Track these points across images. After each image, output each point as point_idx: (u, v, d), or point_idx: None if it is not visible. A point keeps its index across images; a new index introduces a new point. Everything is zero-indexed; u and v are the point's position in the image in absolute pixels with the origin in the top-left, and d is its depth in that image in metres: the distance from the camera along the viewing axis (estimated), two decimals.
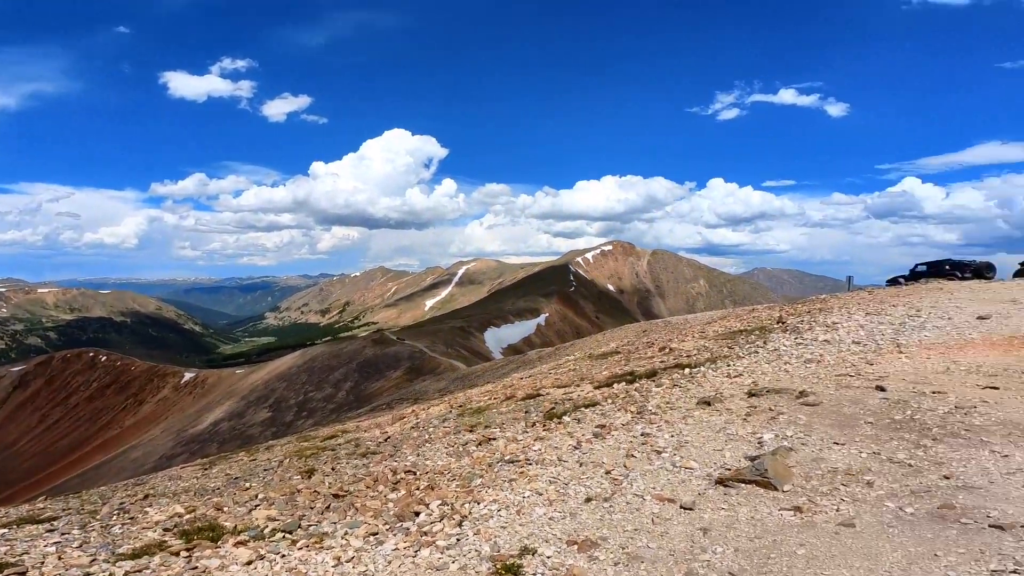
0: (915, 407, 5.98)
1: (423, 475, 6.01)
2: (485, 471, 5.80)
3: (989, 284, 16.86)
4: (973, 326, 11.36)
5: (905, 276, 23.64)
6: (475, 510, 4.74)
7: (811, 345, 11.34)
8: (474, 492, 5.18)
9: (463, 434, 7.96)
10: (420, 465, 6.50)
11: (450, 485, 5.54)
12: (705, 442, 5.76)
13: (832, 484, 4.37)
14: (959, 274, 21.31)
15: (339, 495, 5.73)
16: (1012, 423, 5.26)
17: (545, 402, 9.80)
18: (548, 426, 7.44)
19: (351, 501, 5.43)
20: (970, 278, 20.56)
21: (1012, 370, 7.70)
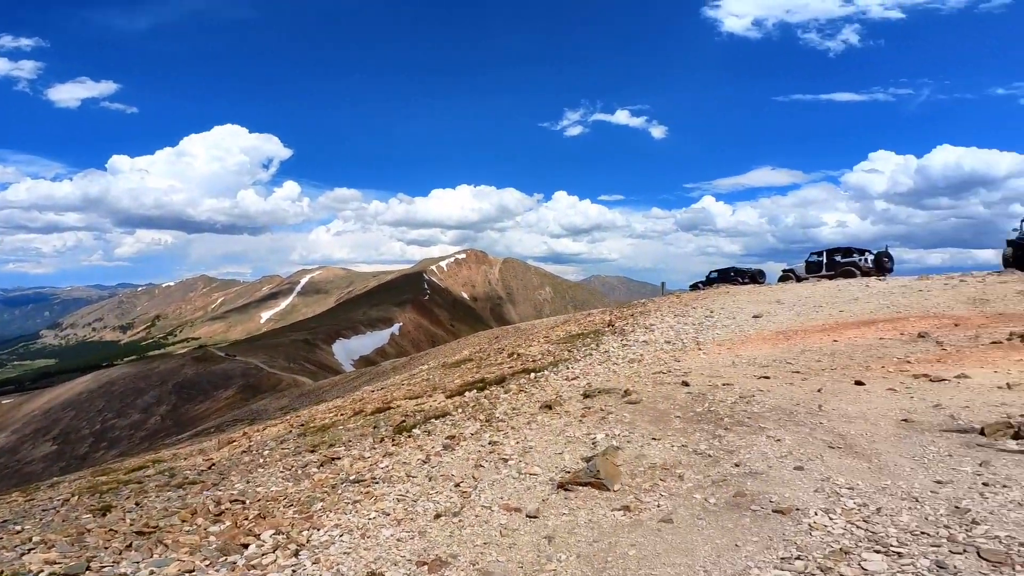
0: (711, 399, 7.15)
1: (254, 503, 5.49)
2: (327, 494, 5.50)
3: (761, 288, 20.82)
4: (750, 324, 13.92)
5: (703, 282, 27.95)
6: (314, 537, 4.48)
7: (634, 346, 12.87)
8: (314, 517, 4.89)
9: (304, 455, 7.44)
10: (250, 493, 5.93)
11: (286, 512, 5.15)
12: (547, 446, 6.07)
13: (652, 480, 4.88)
14: (741, 279, 25.90)
15: (144, 532, 4.94)
16: (780, 409, 6.51)
17: (396, 415, 9.60)
18: (398, 441, 7.31)
19: (160, 537, 4.72)
20: (748, 283, 25.09)
21: (779, 360, 9.62)
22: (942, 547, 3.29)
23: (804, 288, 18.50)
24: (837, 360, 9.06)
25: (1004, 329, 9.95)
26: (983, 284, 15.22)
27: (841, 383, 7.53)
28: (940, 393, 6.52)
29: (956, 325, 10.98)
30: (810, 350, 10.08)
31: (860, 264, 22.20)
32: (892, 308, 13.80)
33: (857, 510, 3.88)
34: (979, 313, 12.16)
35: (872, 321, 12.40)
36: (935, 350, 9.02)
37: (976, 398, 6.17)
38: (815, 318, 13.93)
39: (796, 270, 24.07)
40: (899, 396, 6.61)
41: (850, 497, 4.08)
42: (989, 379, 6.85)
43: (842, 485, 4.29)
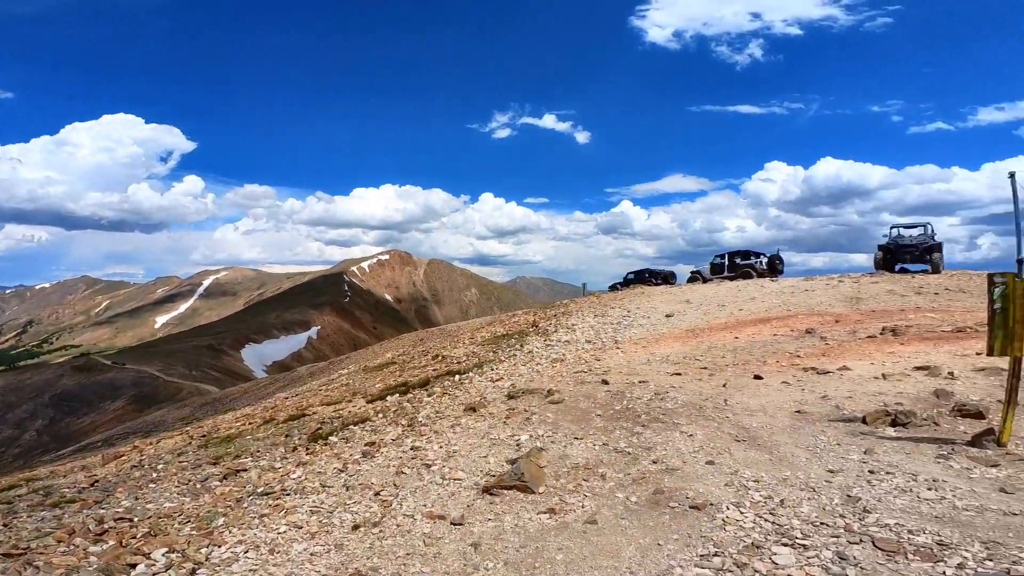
0: (629, 396, 7.44)
1: (143, 521, 4.92)
2: (231, 508, 5.06)
3: (672, 288, 22.11)
4: (663, 323, 14.71)
5: (620, 283, 29.23)
6: (215, 554, 4.07)
7: (557, 346, 13.15)
8: (215, 534, 4.48)
9: (204, 468, 6.85)
10: (140, 510, 5.32)
11: (182, 529, 4.68)
12: (472, 450, 6.00)
13: (576, 480, 4.93)
14: (655, 281, 27.40)
15: (12, 554, 4.30)
16: (691, 404, 6.89)
17: (311, 423, 9.13)
18: (312, 449, 6.94)
19: (30, 559, 4.12)
20: (661, 284, 26.59)
21: (689, 357, 10.22)
22: (841, 537, 3.54)
23: (709, 288, 19.85)
24: (739, 356, 9.79)
25: (877, 324, 11.25)
26: (858, 284, 17.12)
27: (743, 378, 8.13)
28: (827, 385, 7.23)
29: (837, 322, 12.25)
30: (716, 347, 10.81)
31: (756, 266, 24.25)
32: (783, 307, 15.15)
33: (764, 502, 4.13)
34: (856, 310, 13.67)
35: (767, 319, 13.54)
36: (820, 345, 10.01)
37: (857, 388, 6.90)
38: (719, 317, 14.98)
39: (702, 272, 25.81)
40: (792, 389, 7.24)
41: (756, 490, 4.35)
42: (867, 370, 7.70)
43: (749, 478, 4.57)
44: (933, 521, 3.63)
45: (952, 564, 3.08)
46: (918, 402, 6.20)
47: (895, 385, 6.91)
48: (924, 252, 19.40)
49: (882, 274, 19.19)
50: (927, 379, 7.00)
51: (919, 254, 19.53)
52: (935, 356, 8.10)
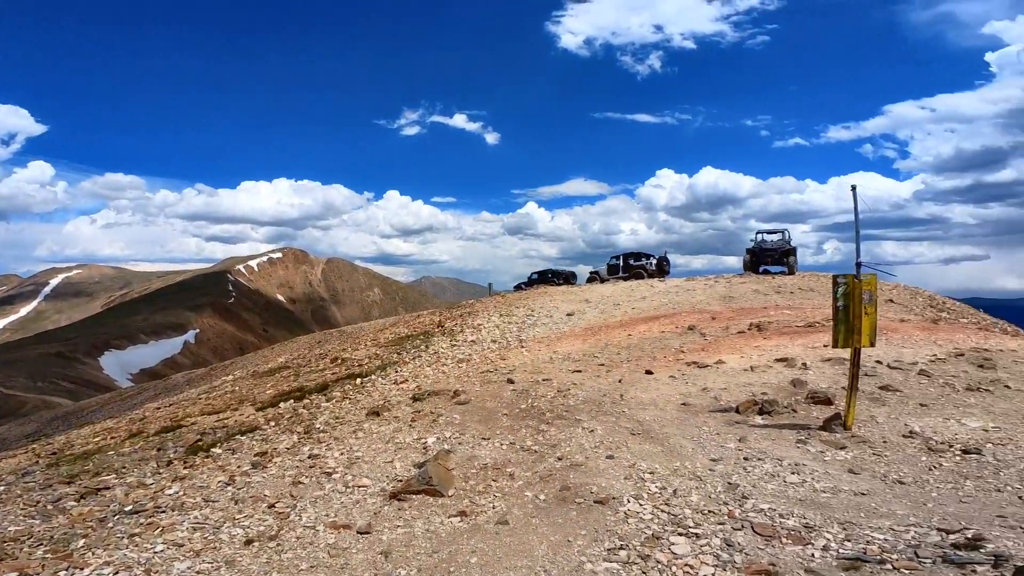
0: (533, 395, 7.70)
1: None
2: (92, 529, 4.48)
3: (573, 288, 23.16)
4: (564, 321, 15.36)
5: (525, 283, 30.00)
6: None
7: (463, 346, 13.20)
8: (74, 556, 3.95)
9: (56, 488, 6.00)
10: None
11: (33, 552, 4.09)
12: (376, 455, 5.86)
13: (485, 481, 5.01)
14: (557, 281, 28.48)
15: None
16: (591, 400, 7.29)
17: (189, 434, 8.34)
18: (192, 463, 6.38)
19: None
20: (563, 284, 27.70)
21: (588, 355, 10.77)
22: (726, 524, 3.91)
23: (606, 288, 21.03)
24: (632, 352, 10.51)
25: (746, 321, 12.63)
26: (730, 284, 19.08)
27: (636, 373, 8.75)
28: (706, 378, 8.01)
29: (713, 319, 13.57)
30: (612, 344, 11.50)
31: (647, 267, 26.14)
32: (670, 305, 16.48)
33: (659, 493, 4.48)
34: (728, 308, 15.23)
35: (656, 317, 14.65)
36: (700, 340, 11.04)
37: (731, 381, 7.73)
38: (615, 315, 15.94)
39: (600, 272, 27.28)
40: (678, 383, 7.94)
41: (652, 481, 4.70)
42: (738, 363, 8.64)
43: (645, 470, 4.93)
44: (799, 504, 4.14)
45: (818, 546, 3.52)
46: (779, 391, 7.09)
47: (761, 376, 7.84)
48: (782, 255, 22.13)
49: (749, 275, 21.59)
50: (786, 370, 8.02)
51: (778, 257, 22.25)
52: (791, 349, 9.30)
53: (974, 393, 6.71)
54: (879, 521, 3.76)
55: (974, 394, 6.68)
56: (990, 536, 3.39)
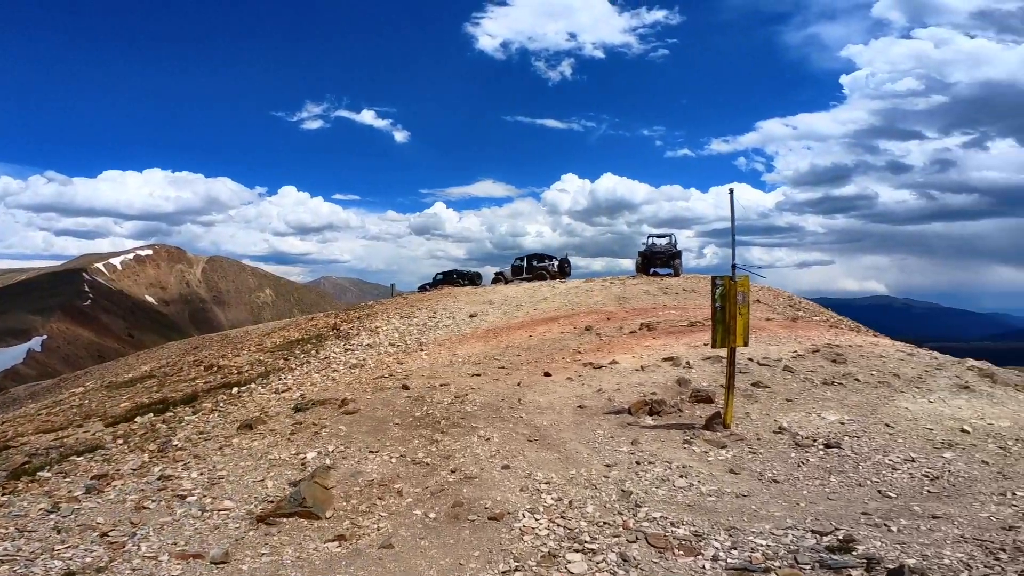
0: (429, 401, 7.31)
1: None
2: None
3: (478, 289, 22.99)
4: (467, 323, 15.09)
5: (429, 284, 29.38)
6: None
7: (358, 350, 12.42)
8: None
9: None
10: None
11: None
12: (245, 473, 5.28)
13: (370, 500, 4.59)
14: (462, 282, 28.18)
15: None
16: (489, 406, 7.05)
17: (17, 456, 7.22)
18: (13, 488, 5.55)
19: None
20: (468, 285, 27.47)
21: (489, 357, 10.57)
22: (621, 537, 3.81)
23: (510, 289, 21.11)
24: (532, 354, 10.49)
25: (637, 321, 13.20)
26: (624, 285, 19.97)
27: (535, 375, 8.69)
28: (601, 379, 8.13)
29: (608, 319, 14.06)
30: (513, 346, 11.42)
31: (550, 268, 26.71)
32: (569, 306, 16.86)
33: (555, 505, 4.31)
34: (622, 309, 15.89)
35: (556, 318, 14.88)
36: (596, 341, 11.32)
37: (623, 381, 7.91)
38: (517, 316, 15.97)
39: (505, 273, 27.41)
40: (575, 384, 7.97)
41: (548, 492, 4.54)
42: (630, 363, 8.91)
43: (541, 480, 4.77)
44: (687, 510, 4.18)
45: (708, 556, 3.52)
46: (667, 390, 7.36)
47: (650, 376, 8.11)
48: (669, 258, 23.66)
49: (641, 276, 22.81)
50: (672, 369, 8.39)
51: (666, 260, 23.75)
52: (677, 348, 9.80)
53: (830, 387, 7.42)
54: (760, 524, 3.89)
55: (830, 388, 7.38)
56: (859, 536, 3.60)
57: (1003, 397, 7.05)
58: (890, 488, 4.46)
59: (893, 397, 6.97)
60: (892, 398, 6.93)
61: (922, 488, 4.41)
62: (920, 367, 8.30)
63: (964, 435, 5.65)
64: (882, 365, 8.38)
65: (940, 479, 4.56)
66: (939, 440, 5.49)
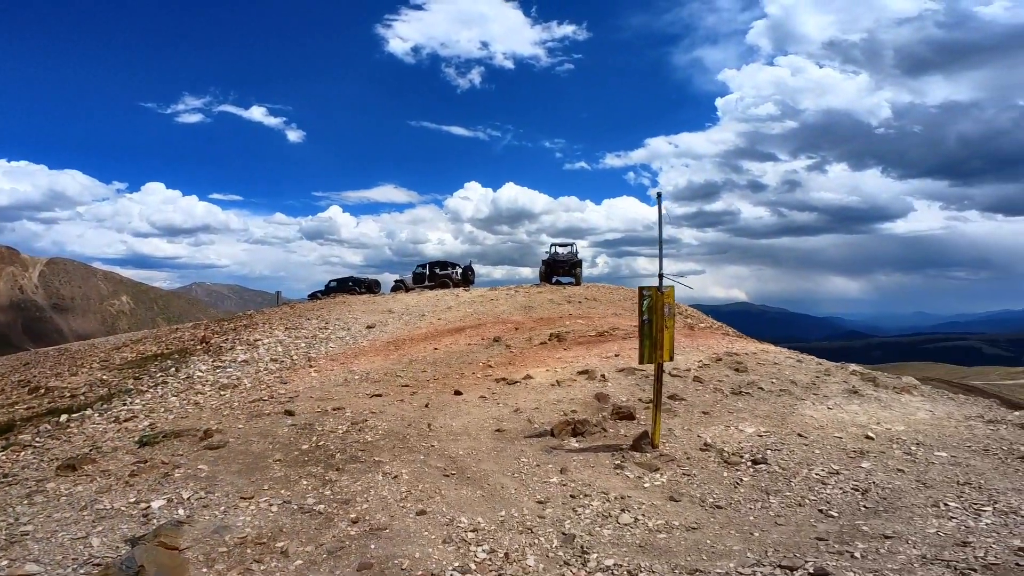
0: (320, 430, 6.15)
1: None
2: None
3: (376, 297, 21.48)
4: (364, 335, 13.77)
5: (322, 291, 27.11)
6: None
7: (230, 368, 10.63)
8: None
9: None
10: None
11: None
12: (59, 529, 4.01)
13: (243, 564, 3.50)
14: (359, 289, 26.32)
15: None
16: (394, 433, 6.07)
17: None
18: None
19: None
20: (365, 292, 25.71)
21: (390, 373, 9.49)
22: None
23: (411, 298, 19.94)
24: (438, 369, 9.60)
25: (546, 331, 12.87)
26: (529, 294, 19.76)
27: (444, 394, 7.84)
28: (517, 396, 7.50)
29: (516, 329, 13.59)
30: (417, 360, 10.44)
31: (453, 276, 25.85)
32: (475, 315, 16.19)
33: (489, 560, 3.53)
34: (529, 318, 15.54)
35: (462, 328, 14.12)
36: (506, 353, 10.73)
37: (541, 398, 7.34)
38: (419, 326, 14.95)
39: (406, 281, 26.04)
40: (489, 404, 7.25)
41: (477, 543, 3.74)
42: (545, 378, 8.40)
43: (466, 528, 3.95)
44: (641, 553, 3.62)
45: None
46: (587, 407, 6.91)
47: (567, 391, 7.64)
48: (571, 267, 23.99)
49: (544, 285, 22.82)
50: (588, 383, 8.00)
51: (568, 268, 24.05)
52: (590, 360, 9.50)
53: (739, 397, 7.45)
54: (724, 563, 3.43)
55: (740, 398, 7.41)
56: (830, 568, 3.29)
57: (888, 400, 7.54)
58: (829, 506, 4.28)
59: (796, 405, 7.13)
60: (796, 406, 7.09)
61: (858, 504, 4.29)
62: (811, 373, 8.73)
63: (870, 442, 5.79)
64: (778, 372, 8.69)
65: (870, 492, 4.50)
66: (851, 448, 5.56)
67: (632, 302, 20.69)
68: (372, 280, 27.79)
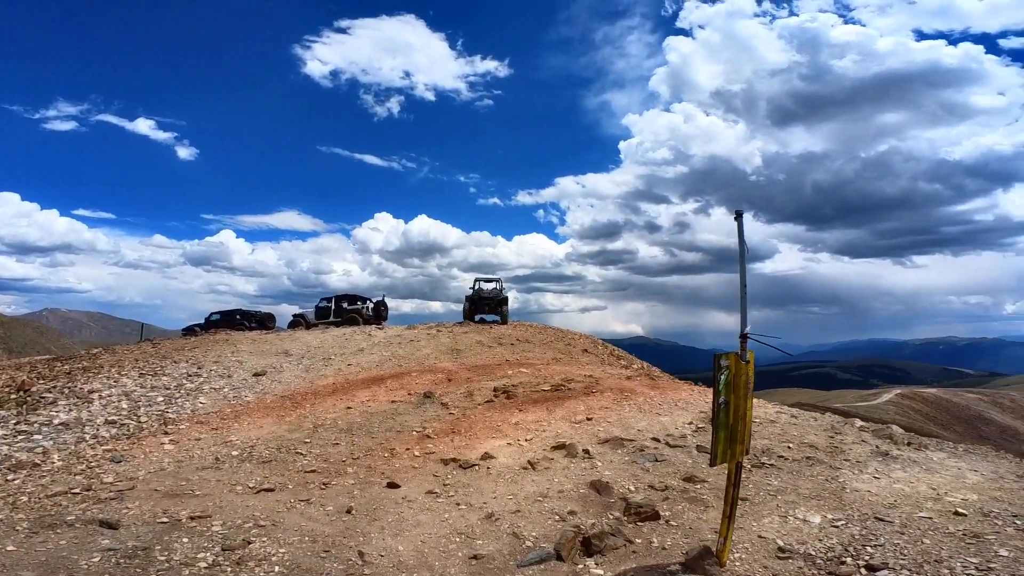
0: (161, 562, 3.54)
1: None
2: None
3: (269, 335, 17.99)
4: (249, 385, 10.71)
5: (201, 324, 22.80)
6: None
7: (39, 434, 7.25)
8: None
9: None
10: None
11: None
12: None
13: None
14: (247, 323, 22.36)
15: None
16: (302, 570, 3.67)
17: None
18: None
19: None
20: (256, 328, 21.88)
21: (286, 447, 6.82)
22: None
23: (313, 337, 16.85)
24: (357, 441, 7.09)
25: (486, 384, 10.74)
26: (453, 335, 17.49)
27: (372, 487, 5.42)
28: (481, 490, 5.29)
29: (449, 380, 11.33)
30: (324, 424, 7.82)
31: (363, 312, 22.82)
32: (394, 360, 13.65)
33: None
34: (461, 365, 13.30)
35: (380, 377, 11.58)
36: (445, 415, 8.45)
37: (517, 492, 5.20)
38: (325, 374, 12.14)
39: (307, 315, 22.59)
40: (444, 504, 4.96)
41: None
42: (511, 457, 6.27)
43: None
44: None
45: None
46: (587, 505, 4.92)
47: (549, 479, 5.60)
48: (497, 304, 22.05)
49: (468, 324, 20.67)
50: (571, 463, 6.04)
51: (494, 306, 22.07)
52: (558, 426, 7.55)
53: (766, 471, 5.90)
54: None
55: (767, 472, 5.86)
56: None
57: (924, 461, 6.40)
58: None
59: (838, 477, 5.75)
60: (838, 478, 5.70)
61: None
62: (821, 433, 7.52)
63: (965, 519, 4.50)
64: (784, 433, 7.37)
65: None
66: (956, 531, 4.26)
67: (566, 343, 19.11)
68: (265, 314, 23.90)
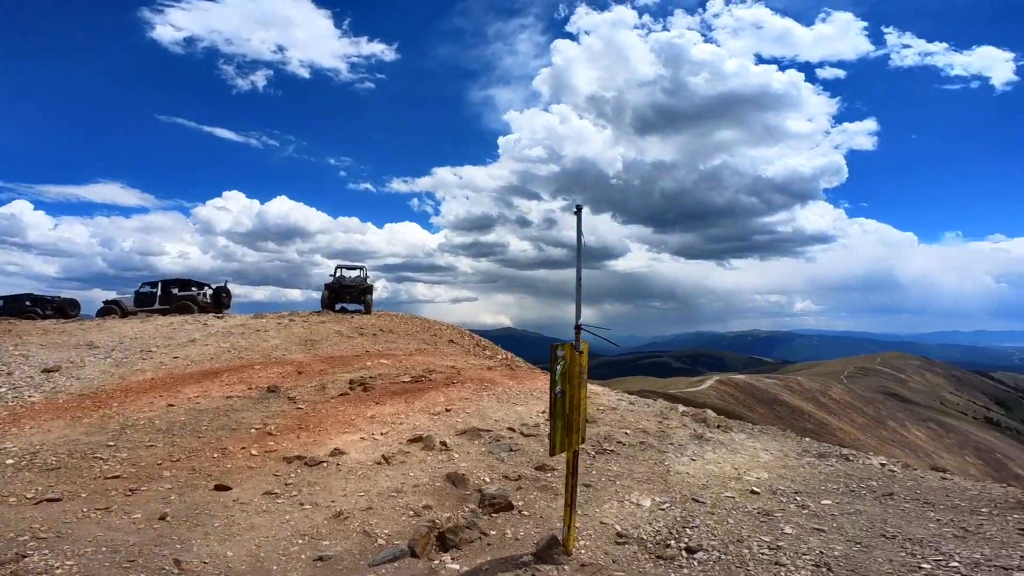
0: None
1: None
2: None
3: (70, 324, 14.95)
4: (37, 384, 8.75)
5: None
6: None
7: None
8: None
9: None
10: None
11: None
12: None
13: None
14: (40, 311, 18.39)
15: None
16: None
17: None
18: None
19: None
20: (52, 316, 18.11)
21: (83, 452, 5.66)
22: None
23: (131, 327, 14.39)
24: (179, 441, 6.16)
25: (342, 376, 10.11)
26: (308, 324, 16.23)
27: (196, 490, 4.72)
28: (330, 489, 4.90)
29: (300, 373, 10.46)
30: (136, 425, 6.66)
31: (199, 299, 20.12)
32: (234, 352, 12.24)
33: None
34: (315, 357, 12.38)
35: (215, 371, 10.29)
36: (292, 411, 7.76)
37: (370, 489, 4.91)
38: (143, 369, 10.42)
39: (123, 302, 19.22)
40: (285, 505, 4.50)
41: None
42: (364, 452, 5.92)
43: None
44: None
45: None
46: (442, 498, 4.82)
47: (404, 473, 5.39)
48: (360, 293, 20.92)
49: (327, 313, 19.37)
50: (428, 456, 5.89)
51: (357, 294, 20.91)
52: (417, 419, 7.35)
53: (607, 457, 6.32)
54: None
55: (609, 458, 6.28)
56: None
57: (729, 442, 7.38)
58: None
59: (664, 460, 6.39)
60: (664, 462, 6.33)
61: None
62: (653, 418, 8.29)
63: (758, 497, 5.24)
64: (623, 420, 8.01)
65: (826, 566, 3.59)
66: (752, 509, 4.90)
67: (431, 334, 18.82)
68: (67, 300, 19.88)
